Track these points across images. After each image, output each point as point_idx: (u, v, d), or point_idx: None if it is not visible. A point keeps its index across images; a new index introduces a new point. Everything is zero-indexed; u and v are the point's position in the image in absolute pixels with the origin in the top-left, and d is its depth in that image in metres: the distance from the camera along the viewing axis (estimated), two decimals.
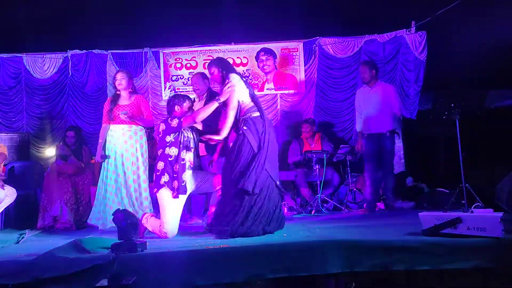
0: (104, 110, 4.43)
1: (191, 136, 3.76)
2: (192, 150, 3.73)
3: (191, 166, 3.71)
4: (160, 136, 3.71)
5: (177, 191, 3.57)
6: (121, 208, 4.04)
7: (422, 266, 2.46)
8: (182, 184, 3.60)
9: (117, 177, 4.27)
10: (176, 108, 3.78)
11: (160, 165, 3.65)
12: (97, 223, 4.32)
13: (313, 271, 2.47)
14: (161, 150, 3.68)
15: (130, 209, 4.08)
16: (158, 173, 3.65)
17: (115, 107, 4.34)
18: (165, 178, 3.60)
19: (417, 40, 6.02)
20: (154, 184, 3.69)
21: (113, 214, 2.95)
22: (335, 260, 2.49)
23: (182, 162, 3.63)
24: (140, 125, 4.39)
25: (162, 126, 3.70)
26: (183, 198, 3.65)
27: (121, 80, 4.37)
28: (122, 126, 4.35)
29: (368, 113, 5.09)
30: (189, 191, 3.71)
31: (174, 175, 3.59)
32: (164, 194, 3.59)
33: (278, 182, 3.52)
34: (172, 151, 3.63)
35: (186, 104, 3.79)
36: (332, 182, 5.70)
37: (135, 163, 4.32)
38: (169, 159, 3.63)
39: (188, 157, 3.68)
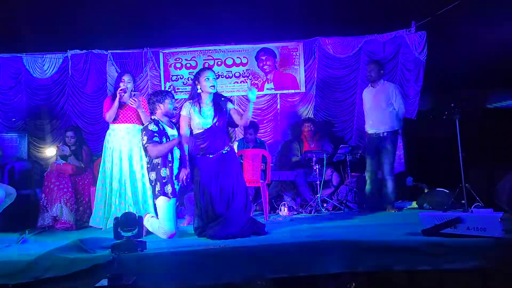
0: (106, 104, 4.40)
1: (175, 132, 3.74)
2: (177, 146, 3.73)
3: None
4: (143, 142, 3.67)
5: (172, 195, 3.61)
6: (124, 207, 4.08)
7: (422, 266, 2.47)
8: (174, 187, 3.63)
9: (121, 176, 4.26)
10: (158, 106, 3.73)
11: (152, 175, 3.66)
12: (100, 224, 4.32)
13: (313, 271, 2.47)
14: (148, 158, 3.67)
15: (134, 208, 4.09)
16: (152, 184, 3.67)
17: (119, 106, 4.34)
18: (158, 187, 3.62)
19: (417, 40, 6.01)
20: (152, 193, 3.72)
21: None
22: (335, 260, 2.49)
23: (170, 165, 3.63)
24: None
25: (144, 135, 3.65)
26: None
27: (127, 84, 4.37)
28: (126, 125, 4.34)
29: (370, 112, 5.08)
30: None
31: (164, 181, 3.60)
32: (161, 200, 3.62)
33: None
34: (158, 159, 3.63)
35: (168, 101, 3.73)
36: (332, 182, 5.69)
37: (139, 161, 4.31)
38: (158, 167, 3.64)
39: (175, 154, 3.69)
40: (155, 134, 3.60)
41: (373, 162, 5.03)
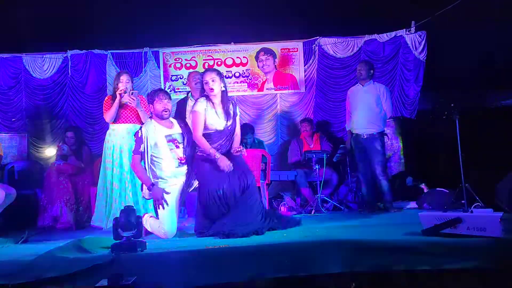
0: (106, 104, 4.40)
1: (174, 131, 3.74)
2: (180, 146, 3.72)
3: (182, 162, 3.70)
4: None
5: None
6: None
7: (422, 266, 2.46)
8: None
9: (122, 176, 4.27)
10: (150, 106, 3.74)
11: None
12: (101, 224, 4.32)
13: (313, 271, 2.47)
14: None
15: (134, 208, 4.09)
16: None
17: (119, 106, 4.34)
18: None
19: (417, 40, 6.01)
20: None
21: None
22: (335, 260, 2.48)
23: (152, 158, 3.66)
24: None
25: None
26: (176, 196, 3.65)
27: (126, 84, 4.37)
28: (126, 125, 4.35)
29: (358, 113, 5.05)
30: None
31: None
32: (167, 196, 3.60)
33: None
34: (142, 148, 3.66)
35: (165, 99, 3.71)
36: (332, 182, 5.69)
37: None
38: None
39: (177, 154, 3.69)
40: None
41: (365, 163, 5.01)
